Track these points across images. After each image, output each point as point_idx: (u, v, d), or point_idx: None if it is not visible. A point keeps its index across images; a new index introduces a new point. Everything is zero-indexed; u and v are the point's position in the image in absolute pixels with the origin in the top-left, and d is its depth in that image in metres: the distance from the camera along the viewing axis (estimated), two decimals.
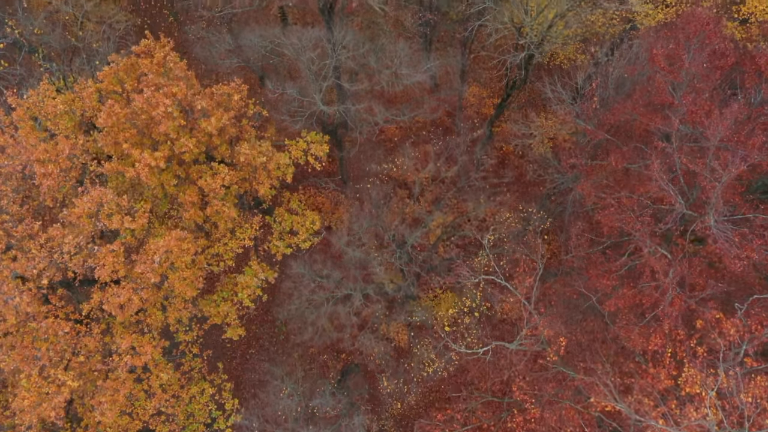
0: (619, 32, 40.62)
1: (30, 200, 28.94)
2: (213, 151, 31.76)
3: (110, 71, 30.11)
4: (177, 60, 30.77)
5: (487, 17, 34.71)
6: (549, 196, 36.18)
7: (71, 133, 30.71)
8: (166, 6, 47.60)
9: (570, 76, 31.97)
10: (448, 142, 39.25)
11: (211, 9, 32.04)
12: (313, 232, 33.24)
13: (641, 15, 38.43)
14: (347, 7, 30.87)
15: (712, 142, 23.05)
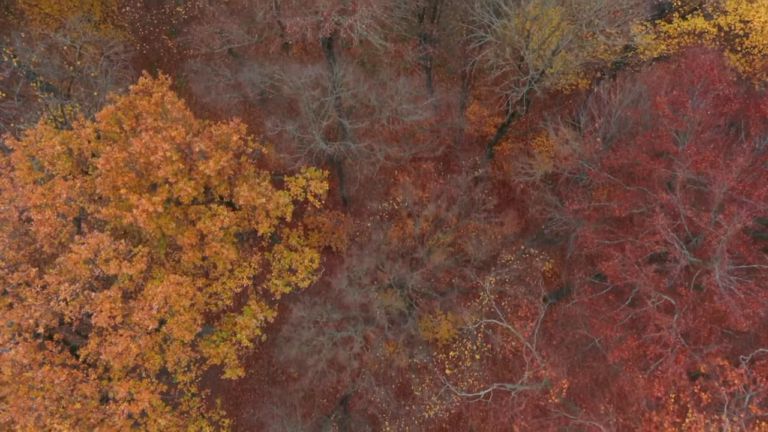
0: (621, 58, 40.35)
1: (26, 245, 28.61)
2: (212, 190, 31.49)
3: (108, 112, 29.81)
4: (175, 100, 30.49)
5: (488, 52, 34.46)
6: (551, 239, 35.90)
7: (69, 173, 30.40)
8: (165, 31, 47.35)
9: (571, 108, 31.65)
10: (448, 180, 38.95)
11: (210, 44, 31.74)
12: (312, 270, 32.92)
13: (643, 47, 38.17)
14: (347, 42, 30.51)
15: (716, 195, 22.75)
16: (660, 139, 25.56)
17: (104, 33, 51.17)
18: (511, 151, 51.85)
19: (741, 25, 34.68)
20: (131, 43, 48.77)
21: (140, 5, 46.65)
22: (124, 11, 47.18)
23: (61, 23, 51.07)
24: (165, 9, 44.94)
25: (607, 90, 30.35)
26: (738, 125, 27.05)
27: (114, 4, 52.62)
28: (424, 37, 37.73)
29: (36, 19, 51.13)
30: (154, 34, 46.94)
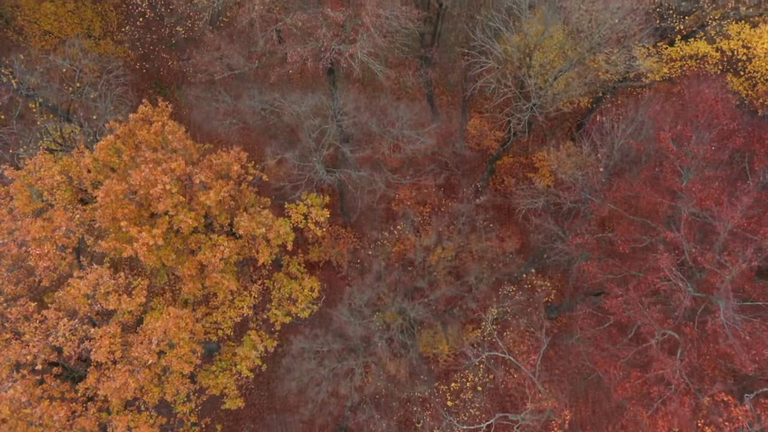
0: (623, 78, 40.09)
1: (25, 277, 28.38)
2: (212, 219, 31.28)
3: (107, 143, 29.58)
4: (175, 129, 30.26)
5: (490, 77, 34.29)
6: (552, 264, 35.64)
7: (68, 203, 30.18)
8: (165, 50, 47.15)
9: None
10: (449, 209, 38.76)
11: (210, 71, 31.52)
12: (312, 299, 32.69)
13: (645, 70, 37.88)
14: (349, 72, 30.33)
15: (721, 233, 22.53)
16: (663, 174, 25.34)
17: (104, 49, 51.02)
18: (512, 165, 51.71)
19: (744, 50, 34.48)
20: (131, 60, 48.57)
21: (140, 23, 46.44)
22: (124, 30, 46.98)
23: (60, 39, 50.90)
24: (165, 29, 44.73)
25: (609, 119, 30.12)
26: (742, 154, 26.84)
27: (114, 21, 52.43)
28: (424, 59, 37.56)
29: (35, 35, 50.93)
30: (154, 53, 46.74)
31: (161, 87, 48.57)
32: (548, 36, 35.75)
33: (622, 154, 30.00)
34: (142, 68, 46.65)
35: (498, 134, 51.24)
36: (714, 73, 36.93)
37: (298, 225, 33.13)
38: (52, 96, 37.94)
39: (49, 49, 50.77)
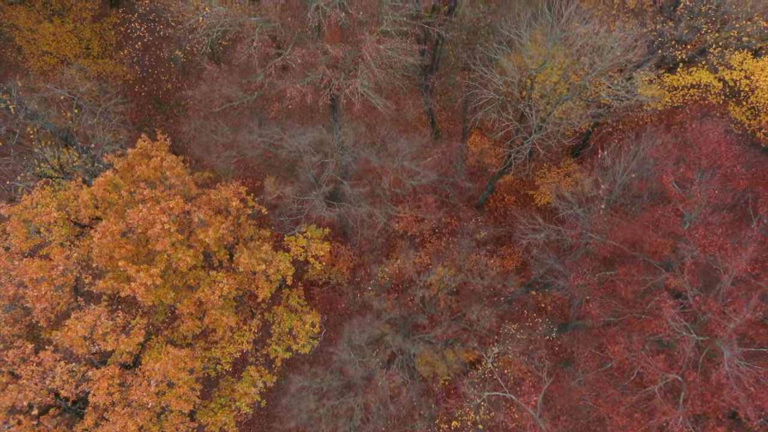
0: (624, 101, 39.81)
1: (22, 316, 28.15)
2: (211, 255, 31.04)
3: (105, 179, 29.35)
4: (173, 164, 30.01)
5: (490, 109, 34.11)
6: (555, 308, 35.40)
7: (66, 239, 29.95)
8: (163, 72, 46.90)
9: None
10: (450, 243, 38.49)
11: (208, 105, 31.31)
12: (312, 334, 32.44)
13: (648, 98, 37.64)
14: (349, 106, 30.10)
15: (725, 282, 22.30)
16: (667, 221, 25.11)
17: (102, 68, 50.78)
18: (512, 182, 51.46)
19: (746, 81, 34.24)
20: (130, 80, 48.33)
21: (139, 45, 46.21)
22: (123, 53, 46.76)
23: (59, 59, 50.63)
24: (164, 52, 44.52)
25: (610, 154, 29.90)
26: (745, 195, 26.61)
27: (113, 40, 52.19)
28: (425, 88, 37.33)
29: (34, 55, 50.67)
30: (153, 75, 46.52)
31: (160, 103, 48.28)
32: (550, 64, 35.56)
33: (623, 189, 29.77)
34: (141, 91, 46.43)
35: (499, 150, 51.06)
36: (716, 102, 36.76)
37: (298, 258, 32.90)
38: (50, 123, 37.70)
39: (47, 69, 50.60)
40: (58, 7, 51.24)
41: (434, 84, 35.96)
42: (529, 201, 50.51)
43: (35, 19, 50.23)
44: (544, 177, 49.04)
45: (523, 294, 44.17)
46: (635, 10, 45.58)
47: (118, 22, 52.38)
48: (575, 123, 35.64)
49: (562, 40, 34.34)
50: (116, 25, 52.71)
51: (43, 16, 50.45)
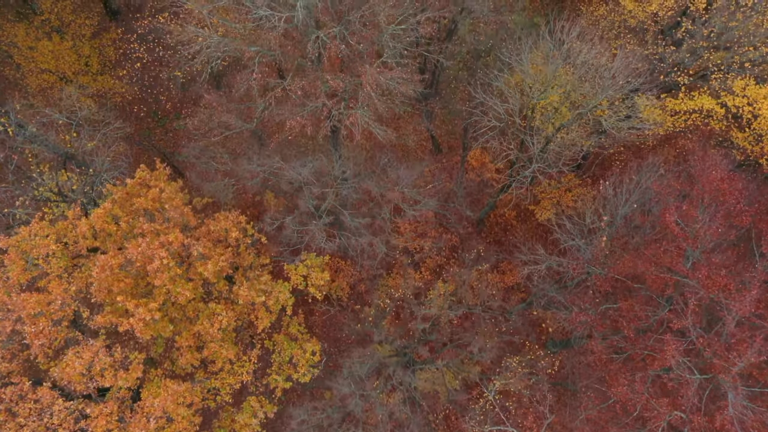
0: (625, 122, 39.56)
1: (20, 351, 27.93)
2: (210, 287, 30.86)
3: (104, 211, 29.16)
4: (172, 195, 29.82)
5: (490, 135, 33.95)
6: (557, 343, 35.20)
7: (64, 271, 29.72)
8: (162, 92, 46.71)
9: (579, 215, 30.98)
10: (450, 258, 38.25)
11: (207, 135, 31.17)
12: (313, 363, 32.24)
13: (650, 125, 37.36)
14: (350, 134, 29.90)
15: (728, 324, 22.11)
16: (669, 259, 24.89)
17: (102, 84, 50.61)
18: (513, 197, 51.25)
19: (749, 108, 34.01)
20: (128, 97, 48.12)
21: (138, 66, 46.02)
22: (122, 73, 46.59)
23: (58, 77, 50.41)
24: (163, 73, 44.33)
25: (612, 185, 29.70)
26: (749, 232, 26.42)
27: (112, 56, 52.00)
28: (426, 113, 37.14)
29: (33, 73, 50.45)
30: (152, 95, 46.34)
31: (159, 117, 48.06)
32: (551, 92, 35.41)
33: (625, 220, 29.57)
34: (140, 111, 46.25)
35: (499, 167, 50.86)
36: (719, 128, 36.48)
37: (298, 287, 32.70)
38: (49, 145, 37.49)
39: (46, 87, 50.40)
40: (57, 24, 51.09)
41: (435, 109, 35.77)
42: (529, 216, 50.27)
43: (34, 36, 50.03)
44: (545, 192, 48.87)
45: (524, 309, 44.02)
46: (636, 29, 45.46)
47: (118, 39, 52.22)
48: (577, 145, 35.49)
49: (564, 59, 34.18)
50: (115, 41, 52.53)
51: (42, 33, 50.25)
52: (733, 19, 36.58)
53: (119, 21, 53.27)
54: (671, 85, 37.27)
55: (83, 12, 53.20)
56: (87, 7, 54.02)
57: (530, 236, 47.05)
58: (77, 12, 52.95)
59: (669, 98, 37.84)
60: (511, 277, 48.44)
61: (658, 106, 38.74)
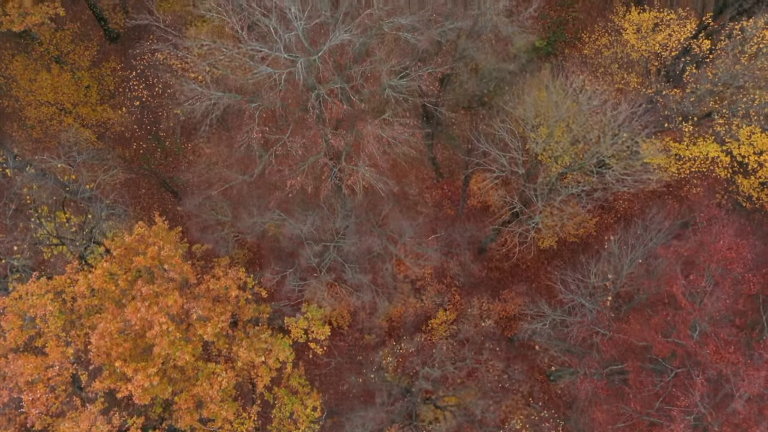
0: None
1: (16, 416, 27.58)
2: (210, 345, 30.54)
3: (102, 271, 28.79)
4: (172, 254, 29.42)
5: (490, 185, 33.62)
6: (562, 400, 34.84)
7: (62, 331, 29.37)
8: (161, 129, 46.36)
9: (583, 269, 30.61)
10: (451, 287, 37.99)
11: (207, 190, 30.90)
12: (313, 419, 31.92)
13: (654, 167, 36.97)
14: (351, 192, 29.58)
15: (737, 403, 21.74)
16: (676, 330, 24.52)
17: (101, 115, 50.27)
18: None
19: (755, 157, 33.61)
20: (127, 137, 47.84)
21: (138, 104, 45.71)
22: (122, 111, 46.26)
23: (57, 108, 50.07)
24: (162, 113, 44.02)
25: (617, 242, 29.34)
26: (757, 299, 26.05)
27: (111, 85, 51.68)
28: (430, 160, 36.82)
29: (32, 105, 50.12)
30: (151, 132, 46.06)
31: (159, 140, 47.69)
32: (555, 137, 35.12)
33: (630, 278, 29.22)
34: (139, 149, 45.99)
35: (501, 193, 50.50)
36: (724, 175, 36.05)
37: (298, 340, 32.34)
38: (45, 193, 37.19)
39: (45, 119, 50.03)
40: (56, 54, 50.78)
41: (437, 157, 35.46)
42: (532, 243, 49.94)
43: (33, 68, 49.71)
44: (548, 218, 48.52)
45: (526, 338, 43.69)
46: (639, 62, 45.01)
47: (117, 68, 51.92)
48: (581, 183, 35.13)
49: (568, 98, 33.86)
50: (114, 70, 52.22)
51: (41, 65, 49.95)
52: (738, 62, 36.19)
53: (119, 45, 52.87)
54: (676, 131, 36.77)
55: (82, 42, 52.92)
56: (86, 35, 53.73)
57: (533, 263, 46.59)
58: (76, 41, 52.65)
59: (672, 141, 37.39)
60: (513, 306, 48.11)
61: (661, 149, 38.34)
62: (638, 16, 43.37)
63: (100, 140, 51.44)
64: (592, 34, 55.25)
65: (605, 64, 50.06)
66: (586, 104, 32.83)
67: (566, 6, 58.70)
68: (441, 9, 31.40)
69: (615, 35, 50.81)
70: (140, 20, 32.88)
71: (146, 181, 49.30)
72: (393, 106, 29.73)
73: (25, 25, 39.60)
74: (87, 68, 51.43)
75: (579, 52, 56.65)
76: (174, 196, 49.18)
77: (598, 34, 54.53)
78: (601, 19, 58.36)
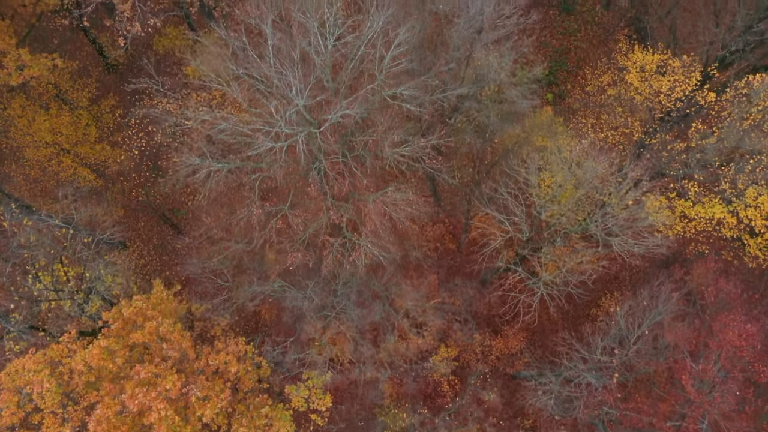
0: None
1: None
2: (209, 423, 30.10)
3: (99, 350, 28.33)
4: (170, 329, 28.96)
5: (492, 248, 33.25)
6: None
7: (59, 407, 28.92)
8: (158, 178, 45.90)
9: (589, 344, 30.16)
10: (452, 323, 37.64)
11: (206, 263, 30.47)
12: None
13: (659, 224, 36.49)
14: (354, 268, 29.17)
15: None
16: (684, 416, 24.09)
17: (100, 155, 49.83)
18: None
19: (762, 221, 33.11)
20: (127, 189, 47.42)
21: (137, 153, 45.28)
22: (120, 159, 45.83)
23: (56, 149, 49.60)
24: (162, 162, 43.57)
25: (623, 314, 28.89)
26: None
27: (110, 123, 51.29)
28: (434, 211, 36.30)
29: (30, 146, 49.67)
30: (150, 180, 45.63)
31: (159, 170, 47.20)
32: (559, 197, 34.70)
33: (636, 353, 28.77)
34: (138, 195, 45.51)
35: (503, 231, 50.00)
36: (731, 236, 35.49)
37: (299, 409, 31.90)
38: (42, 253, 36.68)
39: (44, 160, 49.61)
40: (55, 92, 50.31)
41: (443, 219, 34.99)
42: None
43: (31, 110, 49.20)
44: (550, 253, 48.04)
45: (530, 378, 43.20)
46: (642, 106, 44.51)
47: (116, 104, 51.56)
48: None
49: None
50: (114, 107, 51.85)
51: (39, 105, 49.48)
52: (743, 126, 35.63)
53: (118, 78, 52.41)
54: (682, 192, 36.28)
55: (81, 78, 52.54)
56: (85, 71, 53.38)
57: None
58: (75, 79, 52.26)
59: (678, 198, 36.90)
60: (515, 341, 47.62)
61: (666, 206, 37.84)
62: (642, 57, 42.77)
63: (100, 178, 51.12)
64: (595, 69, 54.79)
65: (608, 102, 49.61)
66: (591, 171, 32.38)
67: (568, 34, 58.20)
68: (443, 75, 30.97)
69: (618, 73, 50.31)
70: (139, 84, 32.42)
71: (145, 214, 48.84)
72: (396, 175, 29.26)
73: (22, 78, 39.10)
74: (86, 105, 51.08)
75: (582, 88, 56.10)
76: (174, 230, 48.62)
77: (600, 70, 54.07)
78: (603, 48, 57.88)
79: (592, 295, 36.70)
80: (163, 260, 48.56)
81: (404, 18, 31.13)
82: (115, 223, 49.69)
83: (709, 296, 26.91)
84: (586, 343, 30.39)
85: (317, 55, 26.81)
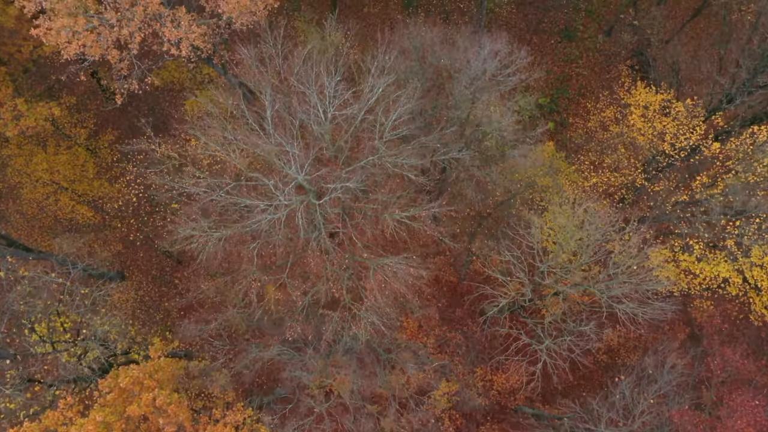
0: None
1: None
2: None
3: (95, 425, 27.92)
4: (168, 400, 28.54)
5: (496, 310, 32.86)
6: None
7: None
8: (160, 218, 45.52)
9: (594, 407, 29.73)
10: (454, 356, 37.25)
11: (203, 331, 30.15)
12: None
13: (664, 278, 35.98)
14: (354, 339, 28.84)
15: None
16: None
17: (98, 191, 49.47)
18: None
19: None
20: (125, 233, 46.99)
21: (135, 200, 44.83)
22: (118, 204, 45.43)
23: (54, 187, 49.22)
24: (161, 208, 43.16)
25: (629, 386, 28.47)
26: None
27: (108, 158, 50.87)
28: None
29: (26, 186, 49.34)
30: (149, 224, 45.27)
31: (158, 204, 46.80)
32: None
33: (643, 425, 28.34)
34: (136, 240, 45.10)
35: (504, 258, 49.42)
36: (736, 293, 34.97)
37: None
38: (40, 309, 36.29)
39: (42, 199, 49.23)
40: (51, 129, 49.87)
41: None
42: (536, 312, 48.79)
43: (28, 149, 48.77)
44: (553, 287, 47.62)
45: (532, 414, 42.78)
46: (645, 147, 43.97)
47: (114, 140, 51.11)
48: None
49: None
50: (112, 143, 51.38)
51: (36, 143, 49.06)
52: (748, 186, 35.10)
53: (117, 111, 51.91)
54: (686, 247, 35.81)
55: (78, 113, 52.09)
56: (83, 105, 52.90)
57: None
58: (73, 113, 51.78)
59: (683, 253, 36.39)
60: (516, 377, 47.19)
61: (671, 259, 37.31)
62: (645, 96, 42.20)
63: (98, 213, 50.66)
64: (597, 102, 54.20)
65: (610, 138, 49.01)
66: (594, 233, 31.99)
67: (569, 61, 57.78)
68: (445, 138, 30.54)
69: (620, 108, 49.67)
70: (136, 145, 32.00)
71: (145, 245, 48.38)
72: (397, 242, 28.88)
73: (18, 129, 38.66)
74: (83, 140, 50.66)
75: (583, 121, 55.59)
76: (173, 261, 48.05)
77: (603, 104, 53.43)
78: (605, 75, 57.35)
79: (596, 365, 36.27)
80: (162, 291, 48.22)
81: (405, 77, 30.71)
82: (113, 256, 49.38)
83: (716, 369, 26.46)
84: (589, 410, 29.98)
85: (317, 125, 26.40)
